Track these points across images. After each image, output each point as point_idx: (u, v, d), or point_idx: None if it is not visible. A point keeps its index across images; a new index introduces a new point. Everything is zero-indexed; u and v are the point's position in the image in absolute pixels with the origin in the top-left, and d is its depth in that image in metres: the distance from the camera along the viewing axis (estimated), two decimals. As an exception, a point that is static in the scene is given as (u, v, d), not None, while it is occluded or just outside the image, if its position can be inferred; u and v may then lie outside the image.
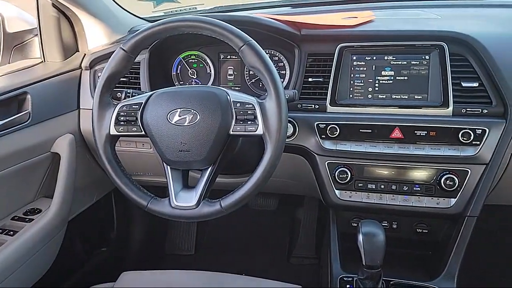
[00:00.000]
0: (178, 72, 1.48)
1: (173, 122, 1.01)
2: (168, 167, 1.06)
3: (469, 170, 1.17)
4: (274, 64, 1.37)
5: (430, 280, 1.20)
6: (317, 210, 2.05)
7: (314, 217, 2.05)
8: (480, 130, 1.14)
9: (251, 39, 1.00)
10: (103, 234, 1.89)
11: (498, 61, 1.15)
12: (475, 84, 1.16)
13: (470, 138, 1.14)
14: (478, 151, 1.14)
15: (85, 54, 1.50)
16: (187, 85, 1.45)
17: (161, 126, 1.01)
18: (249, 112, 1.00)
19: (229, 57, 1.45)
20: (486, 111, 1.15)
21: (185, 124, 1.00)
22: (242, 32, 1.00)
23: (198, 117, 1.00)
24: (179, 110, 1.01)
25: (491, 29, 1.28)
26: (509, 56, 1.18)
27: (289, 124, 1.24)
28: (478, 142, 1.14)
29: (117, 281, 1.14)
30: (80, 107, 1.46)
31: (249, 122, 1.00)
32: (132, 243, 2.01)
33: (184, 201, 1.02)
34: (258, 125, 0.99)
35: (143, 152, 1.44)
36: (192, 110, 1.00)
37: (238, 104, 1.01)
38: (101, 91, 1.05)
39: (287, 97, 1.12)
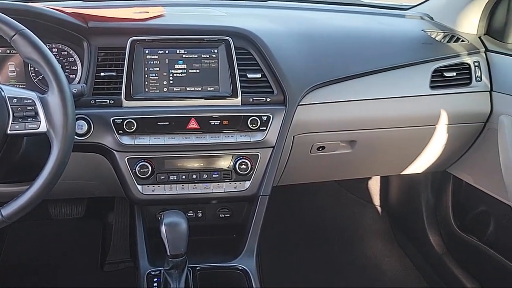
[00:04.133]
0: None
1: None
2: None
3: (259, 154, 1.28)
4: (63, 60, 1.30)
5: (234, 259, 1.28)
6: (129, 210, 2.00)
7: (126, 218, 2.00)
8: (266, 117, 1.25)
9: (25, 27, 0.91)
10: None
11: (276, 54, 1.29)
12: (258, 75, 1.28)
13: (258, 124, 1.25)
14: (265, 136, 1.26)
15: None
16: None
17: None
18: (28, 108, 0.91)
19: (8, 51, 1.29)
20: (269, 99, 1.28)
21: None
22: (13, 20, 0.91)
23: (-37, 116, 0.87)
24: None
25: (270, 26, 1.42)
26: (285, 50, 1.33)
27: (82, 121, 1.17)
28: (265, 128, 1.26)
29: None
30: None
31: (29, 119, 0.91)
32: None
33: None
34: (40, 122, 0.91)
35: None
36: None
37: (15, 100, 0.91)
38: None
39: (74, 91, 1.07)
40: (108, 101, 1.21)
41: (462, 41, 1.53)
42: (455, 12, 1.59)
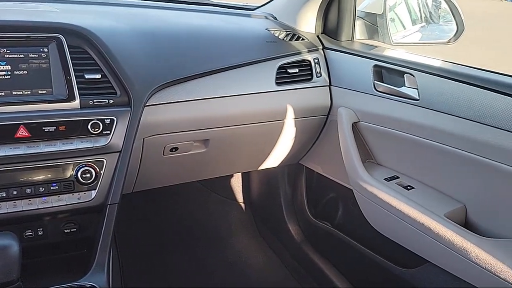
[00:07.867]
0: None
1: None
2: None
3: (105, 160, 1.19)
4: None
5: (82, 277, 1.17)
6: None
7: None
8: (109, 120, 1.17)
9: None
10: None
11: (117, 53, 1.21)
12: (98, 76, 1.18)
13: (100, 128, 1.16)
14: (110, 140, 1.17)
15: None
16: None
17: None
18: None
19: None
20: (112, 101, 1.19)
21: None
22: None
23: None
24: None
25: (110, 24, 1.33)
26: (127, 49, 1.26)
27: None
28: (108, 132, 1.17)
29: None
30: None
31: None
32: None
33: None
34: None
35: None
36: None
37: None
38: None
39: None
40: None
41: (303, 39, 1.62)
42: (295, 12, 1.68)
